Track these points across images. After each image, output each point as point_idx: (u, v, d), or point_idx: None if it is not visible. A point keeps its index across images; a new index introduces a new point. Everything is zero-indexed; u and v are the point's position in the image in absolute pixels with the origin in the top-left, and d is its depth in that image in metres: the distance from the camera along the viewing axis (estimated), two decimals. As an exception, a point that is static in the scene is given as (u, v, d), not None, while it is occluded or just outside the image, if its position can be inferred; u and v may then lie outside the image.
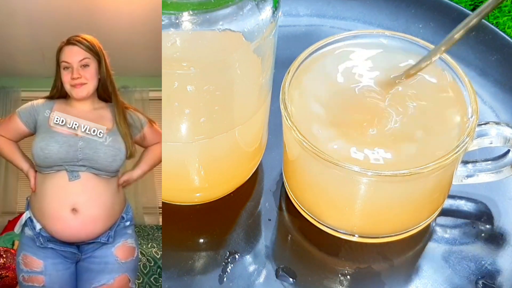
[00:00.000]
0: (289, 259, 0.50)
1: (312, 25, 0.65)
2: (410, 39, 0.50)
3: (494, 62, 0.60)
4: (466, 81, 0.47)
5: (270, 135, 0.53)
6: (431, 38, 0.57)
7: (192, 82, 0.42)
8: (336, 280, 0.49)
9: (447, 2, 0.64)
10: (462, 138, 0.45)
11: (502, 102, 0.58)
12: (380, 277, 0.49)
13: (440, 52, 0.46)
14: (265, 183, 0.54)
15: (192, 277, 0.49)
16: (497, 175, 0.50)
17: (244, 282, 0.48)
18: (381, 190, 0.46)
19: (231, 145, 0.48)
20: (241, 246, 0.50)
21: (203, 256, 0.50)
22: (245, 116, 0.47)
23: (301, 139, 0.45)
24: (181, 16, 0.40)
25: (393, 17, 0.64)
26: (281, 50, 0.50)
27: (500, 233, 0.51)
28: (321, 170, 0.46)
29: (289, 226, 0.52)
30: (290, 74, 0.48)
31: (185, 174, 0.49)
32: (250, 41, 0.42)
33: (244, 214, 0.52)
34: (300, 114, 0.47)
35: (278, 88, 0.48)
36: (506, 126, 0.47)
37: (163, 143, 0.46)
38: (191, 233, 0.51)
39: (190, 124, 0.45)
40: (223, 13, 0.40)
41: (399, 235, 0.50)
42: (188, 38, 0.41)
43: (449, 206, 0.52)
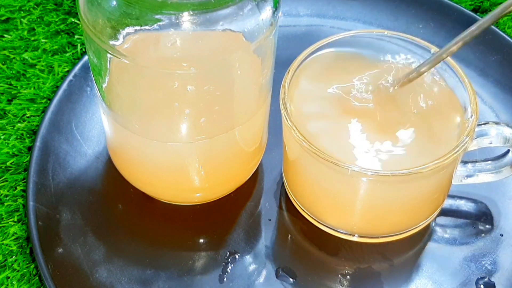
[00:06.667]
0: (289, 259, 0.50)
1: (312, 25, 0.65)
2: (410, 39, 0.50)
3: (494, 62, 0.60)
4: (466, 81, 0.47)
5: (270, 135, 0.53)
6: (431, 38, 0.58)
7: (192, 82, 0.42)
8: (336, 280, 0.49)
9: (447, 2, 0.64)
10: (462, 138, 0.45)
11: (502, 102, 0.58)
12: (380, 277, 0.49)
13: (443, 58, 0.46)
14: (265, 183, 0.54)
15: (192, 277, 0.49)
16: (497, 175, 0.50)
17: (244, 282, 0.48)
18: (381, 190, 0.46)
19: (231, 145, 0.48)
20: (241, 246, 0.50)
21: (203, 256, 0.50)
22: (246, 116, 0.47)
23: (301, 139, 0.45)
24: (181, 16, 0.40)
25: (393, 17, 0.64)
26: (281, 50, 0.50)
27: (500, 233, 0.51)
28: (321, 170, 0.46)
29: (289, 226, 0.52)
30: (290, 74, 0.48)
31: (185, 174, 0.49)
32: (250, 41, 0.42)
33: (244, 214, 0.52)
34: (300, 114, 0.47)
35: (278, 88, 0.48)
36: (506, 126, 0.47)
37: (163, 143, 0.46)
38: (191, 233, 0.51)
39: (190, 124, 0.45)
40: (223, 13, 0.40)
41: (399, 235, 0.50)
42: (188, 38, 0.41)
43: (449, 206, 0.52)
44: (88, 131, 0.56)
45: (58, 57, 0.64)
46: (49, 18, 0.67)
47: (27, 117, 0.59)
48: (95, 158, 0.55)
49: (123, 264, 0.49)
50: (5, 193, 0.54)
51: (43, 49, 0.64)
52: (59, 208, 0.51)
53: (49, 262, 0.48)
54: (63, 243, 0.50)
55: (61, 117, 0.56)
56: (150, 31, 0.41)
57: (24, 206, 0.54)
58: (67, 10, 0.68)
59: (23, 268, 0.51)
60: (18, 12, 0.67)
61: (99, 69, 0.45)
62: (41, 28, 0.66)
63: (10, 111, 0.59)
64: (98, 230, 0.51)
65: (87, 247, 0.50)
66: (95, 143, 0.56)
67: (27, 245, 0.52)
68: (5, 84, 0.61)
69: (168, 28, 0.40)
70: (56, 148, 0.54)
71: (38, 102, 0.60)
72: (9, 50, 0.64)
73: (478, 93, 0.57)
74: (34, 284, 0.50)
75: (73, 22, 0.67)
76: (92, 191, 0.53)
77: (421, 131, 0.46)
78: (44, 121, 0.55)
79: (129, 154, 0.49)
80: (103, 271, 0.49)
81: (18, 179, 0.55)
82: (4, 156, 0.57)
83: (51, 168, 0.53)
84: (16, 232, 0.52)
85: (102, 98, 0.47)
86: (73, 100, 0.57)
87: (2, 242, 0.52)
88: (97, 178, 0.54)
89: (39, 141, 0.54)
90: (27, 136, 0.58)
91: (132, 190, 0.52)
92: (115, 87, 0.45)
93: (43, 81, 0.62)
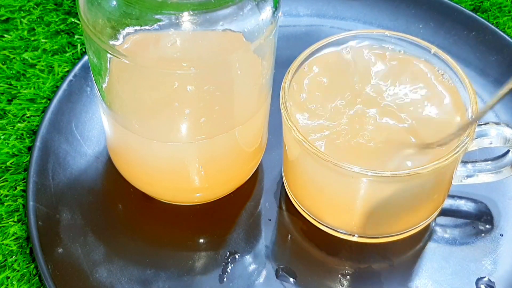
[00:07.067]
0: (289, 259, 0.50)
1: (312, 25, 0.65)
2: (410, 39, 0.50)
3: (494, 62, 0.60)
4: (466, 81, 0.47)
5: (270, 135, 0.53)
6: (431, 38, 0.58)
7: (192, 82, 0.42)
8: (336, 280, 0.49)
9: (447, 2, 0.64)
10: (462, 138, 0.45)
11: (502, 102, 0.58)
12: (380, 277, 0.49)
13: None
14: (265, 183, 0.54)
15: (192, 277, 0.49)
16: (497, 175, 0.50)
17: (244, 282, 0.48)
18: (381, 190, 0.46)
19: (231, 145, 0.48)
20: (241, 246, 0.50)
21: (203, 256, 0.50)
22: (246, 116, 0.47)
23: (301, 139, 0.45)
24: (181, 16, 0.40)
25: (393, 17, 0.64)
26: (281, 50, 0.50)
27: (500, 233, 0.51)
28: (321, 170, 0.46)
29: (289, 226, 0.52)
30: (290, 74, 0.48)
31: (185, 174, 0.49)
32: (250, 41, 0.42)
33: (244, 214, 0.52)
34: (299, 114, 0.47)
35: (278, 88, 0.48)
36: (506, 126, 0.47)
37: (163, 143, 0.46)
38: (191, 233, 0.51)
39: (190, 124, 0.45)
40: (223, 13, 0.40)
41: (399, 235, 0.50)
42: (188, 38, 0.41)
43: (449, 206, 0.52)
44: (88, 131, 0.56)
45: (58, 57, 0.64)
46: (49, 18, 0.67)
47: (27, 117, 0.59)
48: (95, 158, 0.55)
49: (123, 264, 0.49)
50: (5, 193, 0.54)
51: (43, 49, 0.64)
52: (59, 208, 0.51)
53: (49, 262, 0.48)
54: (63, 243, 0.50)
55: (61, 117, 0.56)
56: (150, 31, 0.41)
57: (24, 206, 0.54)
58: (67, 10, 0.68)
59: (23, 268, 0.51)
60: (18, 12, 0.67)
61: (99, 69, 0.45)
62: (41, 28, 0.66)
63: (10, 111, 0.59)
64: (98, 230, 0.51)
65: (87, 247, 0.50)
66: (95, 143, 0.56)
67: (27, 245, 0.52)
68: (5, 84, 0.61)
69: (168, 28, 0.40)
70: (56, 148, 0.54)
71: (38, 102, 0.60)
72: (9, 50, 0.64)
73: (478, 93, 0.57)
74: (34, 284, 0.50)
75: (73, 22, 0.67)
76: (92, 191, 0.53)
77: (421, 132, 0.46)
78: (44, 121, 0.55)
79: (129, 154, 0.49)
80: (103, 271, 0.49)
81: (18, 179, 0.55)
82: (4, 156, 0.57)
83: (51, 168, 0.53)
84: (16, 232, 0.52)
85: (102, 98, 0.47)
86: (73, 100, 0.57)
87: (2, 242, 0.52)
88: (97, 178, 0.54)
89: (39, 141, 0.54)
90: (27, 136, 0.58)
91: (132, 190, 0.52)
92: (115, 87, 0.45)
93: (43, 81, 0.62)
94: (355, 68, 0.49)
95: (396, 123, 0.46)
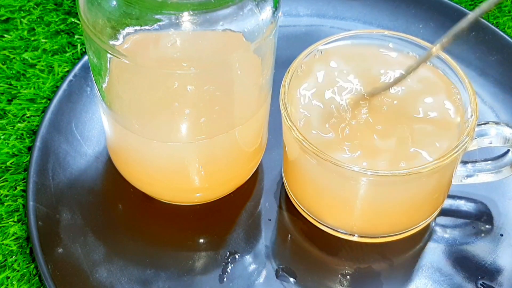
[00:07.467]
0: (289, 259, 0.50)
1: (312, 25, 0.65)
2: (410, 39, 0.50)
3: (494, 62, 0.60)
4: (466, 81, 0.47)
5: (270, 135, 0.53)
6: (431, 38, 0.57)
7: (192, 82, 0.42)
8: (336, 280, 0.49)
9: (447, 2, 0.64)
10: (462, 138, 0.45)
11: (502, 102, 0.58)
12: (380, 277, 0.49)
13: (436, 51, 0.46)
14: (265, 183, 0.54)
15: (192, 277, 0.49)
16: (497, 175, 0.50)
17: (244, 282, 0.48)
18: (380, 190, 0.46)
19: (231, 145, 0.48)
20: (241, 246, 0.50)
21: (203, 256, 0.50)
22: (246, 116, 0.47)
23: (301, 139, 0.45)
24: (181, 16, 0.40)
25: (393, 17, 0.64)
26: (281, 50, 0.50)
27: (500, 233, 0.51)
28: (321, 170, 0.46)
29: (289, 226, 0.52)
30: (290, 74, 0.48)
31: (185, 174, 0.49)
32: (250, 41, 0.42)
33: (244, 214, 0.52)
34: (299, 114, 0.47)
35: (278, 88, 0.48)
36: (506, 126, 0.47)
37: (163, 143, 0.46)
38: (191, 233, 0.51)
39: (190, 124, 0.45)
40: (223, 13, 0.40)
41: (399, 235, 0.50)
42: (188, 38, 0.41)
43: (449, 206, 0.52)
44: (88, 131, 0.56)
45: (58, 57, 0.64)
46: (49, 18, 0.67)
47: (27, 117, 0.59)
48: (95, 158, 0.55)
49: (123, 264, 0.49)
50: (5, 193, 0.54)
51: (43, 49, 0.64)
52: (59, 208, 0.51)
53: (49, 262, 0.48)
54: (63, 243, 0.50)
55: (61, 117, 0.56)
56: (150, 31, 0.41)
57: (24, 206, 0.54)
58: (67, 10, 0.68)
59: (23, 268, 0.51)
60: (18, 12, 0.67)
61: (99, 69, 0.45)
62: (41, 28, 0.66)
63: (10, 111, 0.59)
64: (98, 230, 0.51)
65: (87, 247, 0.50)
66: (95, 143, 0.56)
67: (27, 245, 0.52)
68: (5, 84, 0.61)
69: (168, 28, 0.40)
70: (56, 148, 0.54)
71: (38, 102, 0.60)
72: (9, 50, 0.64)
73: (478, 93, 0.57)
74: (34, 284, 0.50)
75: (73, 22, 0.67)
76: (92, 191, 0.53)
77: (421, 131, 0.46)
78: (44, 121, 0.55)
79: (129, 154, 0.49)
80: (103, 271, 0.49)
81: (18, 179, 0.55)
82: (4, 156, 0.57)
83: (51, 168, 0.53)
84: (16, 232, 0.52)
85: (102, 98, 0.47)
86: (73, 100, 0.57)
87: (2, 242, 0.52)
88: (97, 178, 0.54)
89: (39, 141, 0.54)
90: (27, 136, 0.58)
91: (132, 190, 0.52)
92: (115, 87, 0.45)
93: (43, 81, 0.62)
94: (355, 68, 0.49)
95: (396, 122, 0.46)
